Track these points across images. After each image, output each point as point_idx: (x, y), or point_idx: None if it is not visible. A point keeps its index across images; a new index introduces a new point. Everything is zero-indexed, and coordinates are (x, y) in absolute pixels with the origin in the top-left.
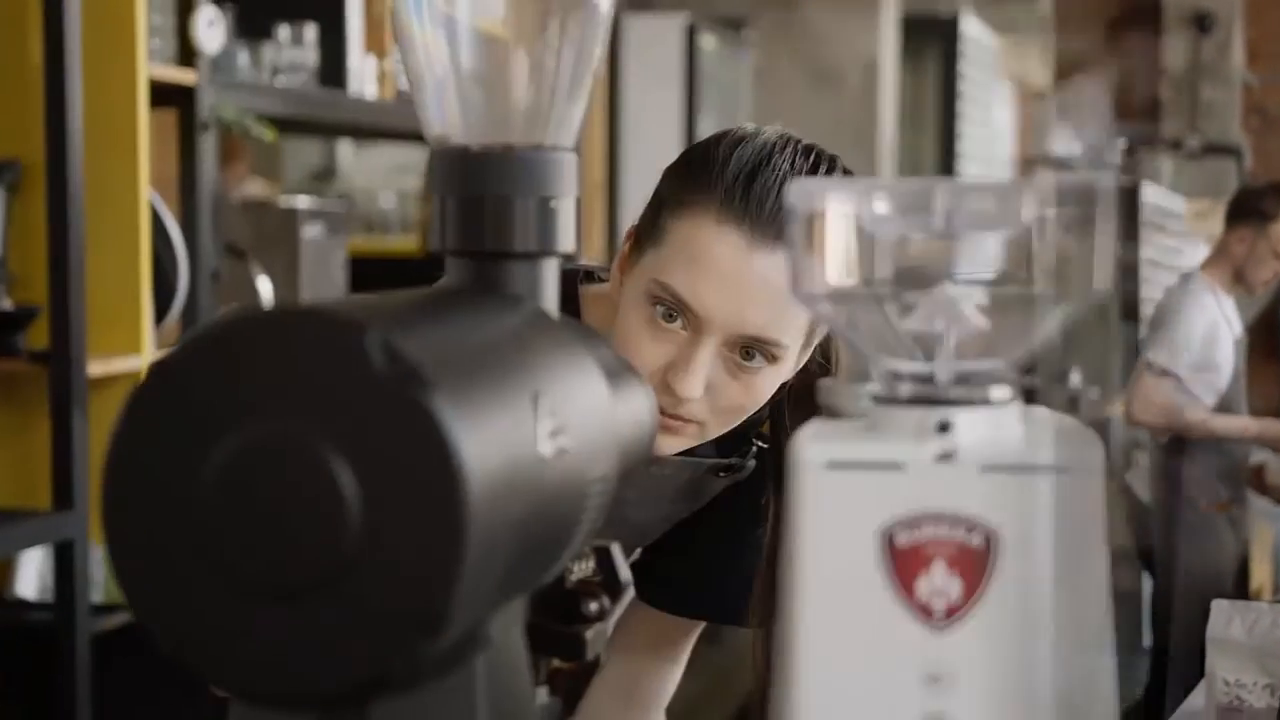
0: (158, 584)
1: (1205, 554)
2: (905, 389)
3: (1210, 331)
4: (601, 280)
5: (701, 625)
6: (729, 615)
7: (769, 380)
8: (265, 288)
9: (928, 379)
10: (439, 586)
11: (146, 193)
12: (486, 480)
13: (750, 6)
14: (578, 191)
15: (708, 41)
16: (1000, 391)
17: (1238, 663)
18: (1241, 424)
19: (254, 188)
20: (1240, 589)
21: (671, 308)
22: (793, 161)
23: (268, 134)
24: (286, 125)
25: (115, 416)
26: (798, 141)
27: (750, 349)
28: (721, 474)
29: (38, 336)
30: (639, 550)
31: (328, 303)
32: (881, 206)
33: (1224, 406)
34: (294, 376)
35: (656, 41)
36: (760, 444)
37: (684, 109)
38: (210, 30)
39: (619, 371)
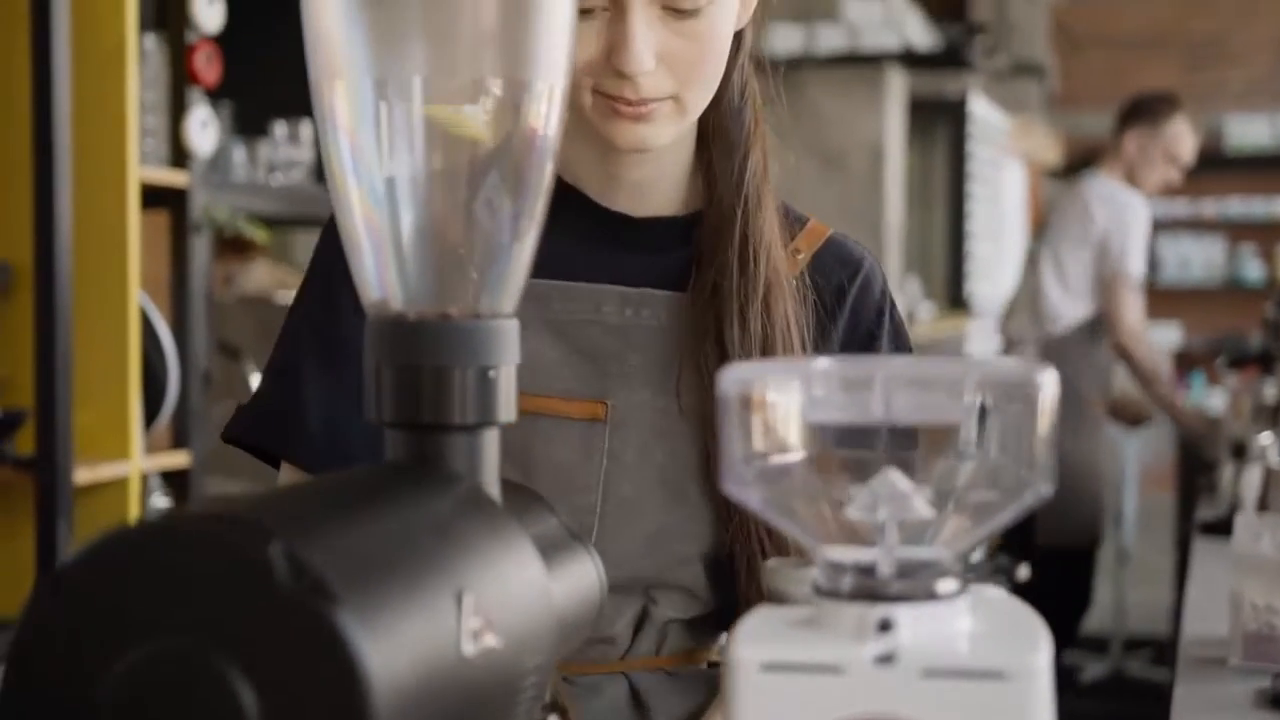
0: None
1: (1092, 452)
2: (846, 582)
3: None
4: None
5: None
6: None
7: (717, 21)
8: None
9: (870, 570)
10: None
11: (136, 296)
12: (398, 693)
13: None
14: (519, 358)
15: None
16: (946, 584)
17: (1268, 583)
18: (1181, 406)
19: (262, 272)
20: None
21: None
22: None
23: (259, 235)
24: (283, 220)
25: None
26: None
27: None
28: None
29: (24, 442)
30: None
31: (235, 504)
32: (819, 391)
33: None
34: (195, 588)
35: None
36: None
37: None
38: (203, 131)
39: (559, 544)
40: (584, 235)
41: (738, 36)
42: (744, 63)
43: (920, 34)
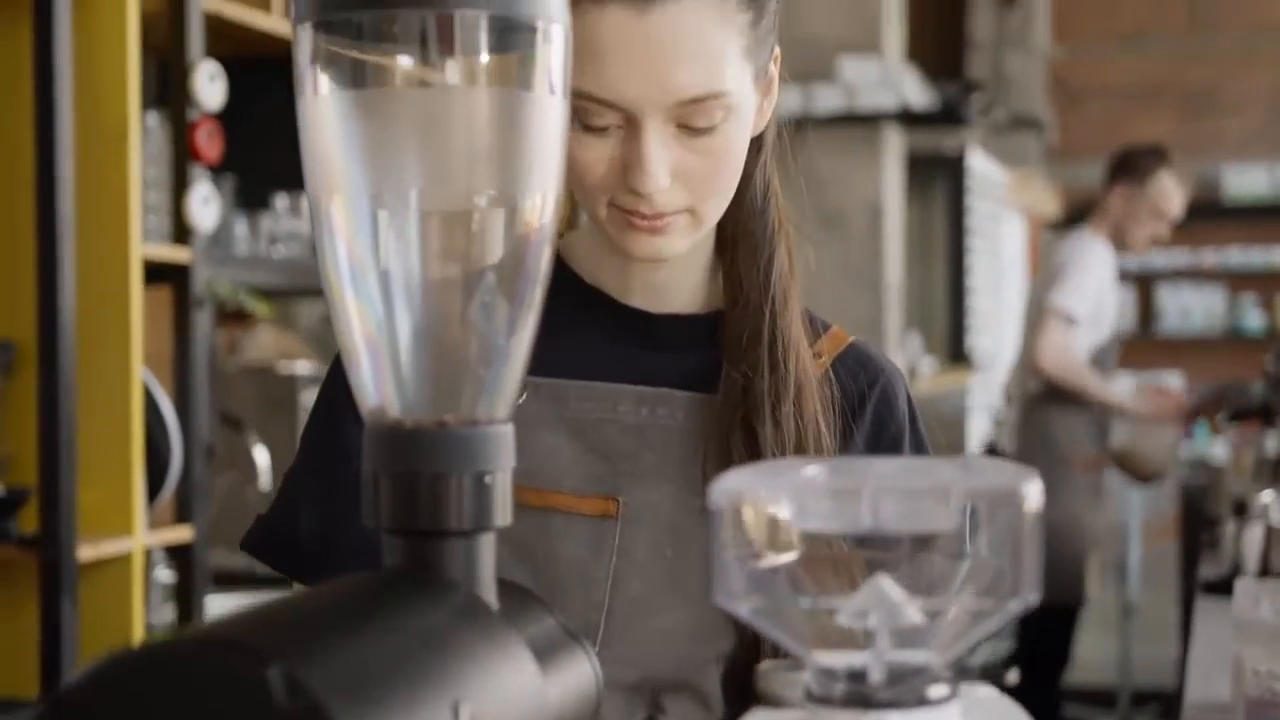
0: None
1: (1072, 512)
2: (838, 689)
3: (1102, 285)
4: None
5: None
6: None
7: (733, 135)
8: (263, 458)
9: (861, 676)
10: None
11: (139, 373)
12: None
13: None
14: (514, 461)
15: None
16: (937, 690)
17: (1269, 649)
18: (1139, 403)
19: (267, 338)
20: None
21: (593, 113)
22: None
23: (260, 308)
24: (286, 292)
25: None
26: None
27: (696, 114)
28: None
29: (28, 520)
30: None
31: (234, 624)
32: (808, 500)
33: (1096, 362)
34: (195, 711)
35: None
36: None
37: None
38: (205, 208)
39: (556, 644)
40: (604, 334)
41: (757, 140)
42: (766, 160)
43: (917, 93)
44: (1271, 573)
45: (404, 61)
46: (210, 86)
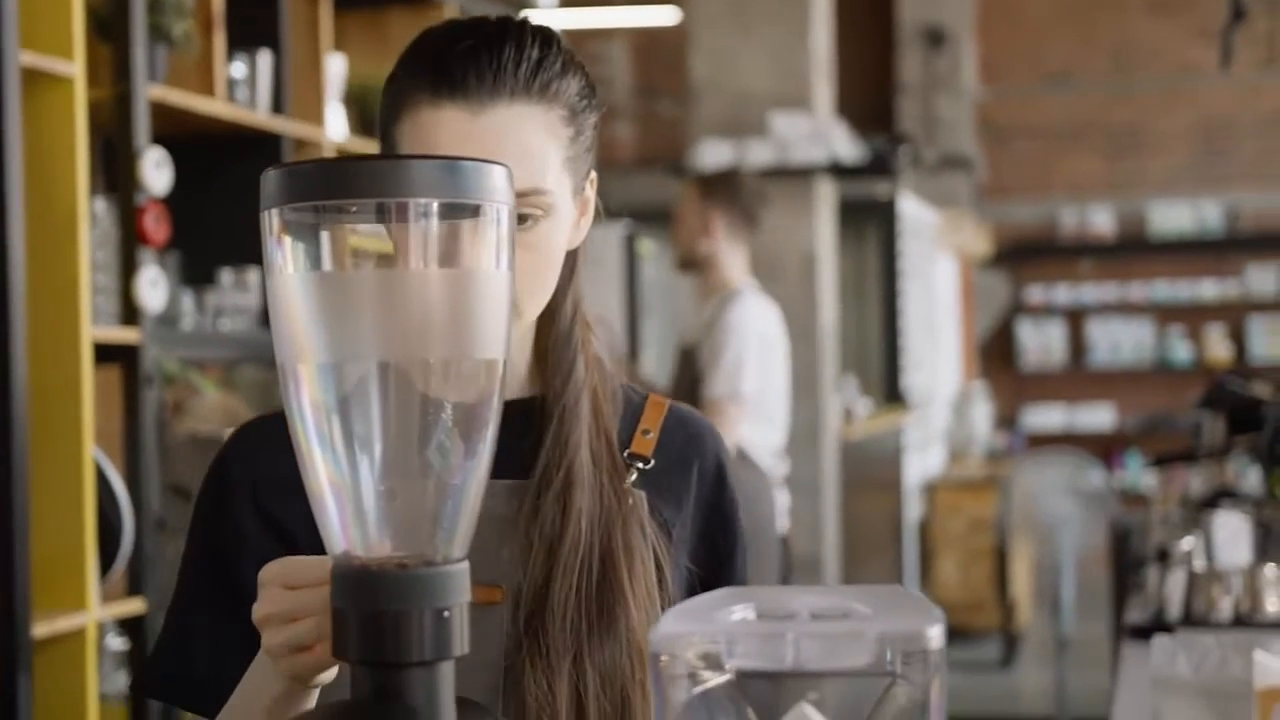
0: None
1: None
2: None
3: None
4: None
5: None
6: None
7: (551, 235)
8: None
9: None
10: None
11: (91, 451)
12: None
13: None
14: (470, 596)
15: (646, 246)
16: None
17: (1186, 703)
18: None
19: (212, 401)
20: None
21: None
22: (497, 25)
23: (206, 385)
24: (232, 363)
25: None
26: (486, 17)
27: (520, 205)
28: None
29: None
30: None
31: None
32: (738, 643)
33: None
34: None
35: (597, 249)
36: (640, 465)
37: (626, 312)
38: (153, 289)
39: None
40: None
41: (571, 259)
42: (576, 285)
43: (846, 146)
44: (1194, 619)
45: (362, 242)
46: (156, 172)
